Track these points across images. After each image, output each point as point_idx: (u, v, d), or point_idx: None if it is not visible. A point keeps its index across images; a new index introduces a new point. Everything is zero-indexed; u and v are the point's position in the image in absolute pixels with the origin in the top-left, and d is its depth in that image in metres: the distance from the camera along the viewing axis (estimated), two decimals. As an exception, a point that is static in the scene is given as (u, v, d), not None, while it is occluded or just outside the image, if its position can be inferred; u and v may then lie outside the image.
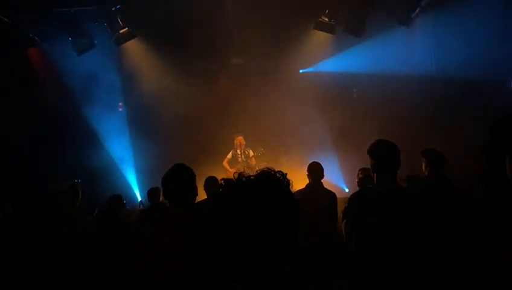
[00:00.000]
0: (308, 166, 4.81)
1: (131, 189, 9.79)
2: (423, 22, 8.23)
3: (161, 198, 5.49)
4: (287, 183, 1.15)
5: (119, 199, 5.27)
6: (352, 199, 2.81)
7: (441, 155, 4.23)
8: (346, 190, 9.11)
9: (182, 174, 2.54)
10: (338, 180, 9.52)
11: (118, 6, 7.88)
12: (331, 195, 4.81)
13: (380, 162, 2.73)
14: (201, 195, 5.03)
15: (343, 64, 9.32)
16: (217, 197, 1.12)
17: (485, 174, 2.95)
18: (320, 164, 4.84)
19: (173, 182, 2.51)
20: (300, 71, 10.18)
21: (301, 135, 9.39)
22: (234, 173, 1.19)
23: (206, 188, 4.80)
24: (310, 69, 10.08)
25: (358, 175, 5.13)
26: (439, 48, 8.33)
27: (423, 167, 4.30)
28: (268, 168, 1.19)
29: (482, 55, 7.52)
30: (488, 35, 7.48)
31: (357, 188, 4.52)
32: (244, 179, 1.12)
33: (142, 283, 2.33)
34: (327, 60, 9.61)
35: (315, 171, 4.73)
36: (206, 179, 4.85)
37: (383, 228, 2.59)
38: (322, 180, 4.87)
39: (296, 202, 1.11)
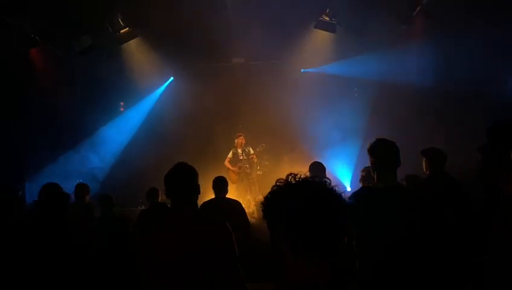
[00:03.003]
0: (310, 166, 4.76)
1: (134, 188, 9.79)
2: (424, 21, 8.20)
3: (160, 198, 5.51)
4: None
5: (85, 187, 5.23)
6: (352, 197, 2.80)
7: (442, 154, 4.20)
8: (348, 189, 9.10)
9: (184, 172, 2.53)
10: (340, 179, 9.53)
11: (118, 7, 7.89)
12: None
13: (380, 161, 2.72)
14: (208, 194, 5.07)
15: (345, 69, 9.31)
16: (282, 192, 1.37)
17: (483, 173, 2.94)
18: (321, 163, 4.78)
19: (176, 180, 2.49)
20: (302, 70, 10.17)
21: (303, 133, 9.39)
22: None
23: (216, 187, 4.79)
24: (311, 70, 10.06)
25: (361, 173, 5.10)
26: (440, 47, 8.32)
27: (424, 166, 4.29)
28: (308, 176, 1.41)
29: (482, 57, 7.55)
30: (488, 37, 7.52)
31: (360, 186, 4.51)
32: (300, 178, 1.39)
33: (147, 282, 2.33)
34: (328, 64, 9.57)
35: (316, 170, 4.67)
36: (216, 179, 4.84)
37: (384, 226, 2.58)
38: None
39: (343, 199, 1.38)
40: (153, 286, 2.31)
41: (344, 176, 9.59)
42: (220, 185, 4.78)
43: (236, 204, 4.81)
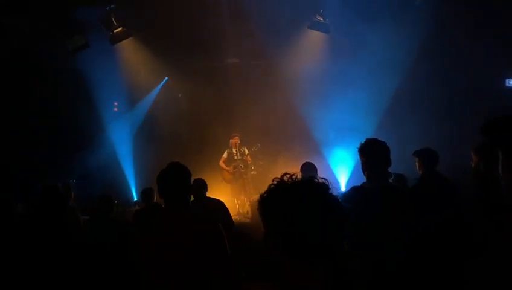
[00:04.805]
0: (302, 166, 4.79)
1: (128, 188, 9.79)
2: (419, 21, 8.23)
3: (155, 198, 5.50)
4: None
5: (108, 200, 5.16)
6: (344, 197, 2.81)
7: (434, 154, 4.24)
8: (342, 189, 9.12)
9: (177, 172, 2.55)
10: (334, 179, 9.54)
11: (112, 6, 7.88)
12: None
13: (371, 161, 2.74)
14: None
15: (339, 69, 9.30)
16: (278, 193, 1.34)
17: (476, 172, 2.97)
18: (313, 163, 4.81)
19: (169, 180, 2.52)
20: (297, 71, 10.15)
21: (298, 133, 9.42)
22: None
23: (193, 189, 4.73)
24: (306, 70, 10.05)
25: None
26: (436, 47, 8.36)
27: (417, 167, 4.33)
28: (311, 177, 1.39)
29: (478, 53, 7.60)
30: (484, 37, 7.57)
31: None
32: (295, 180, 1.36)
33: (148, 283, 2.36)
34: (322, 64, 9.55)
35: (308, 171, 4.69)
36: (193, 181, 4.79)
37: (375, 227, 2.59)
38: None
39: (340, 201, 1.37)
40: (154, 286, 2.34)
41: (340, 176, 9.63)
42: (197, 187, 4.71)
43: (219, 204, 4.81)
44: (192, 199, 4.60)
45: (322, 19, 8.48)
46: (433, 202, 3.37)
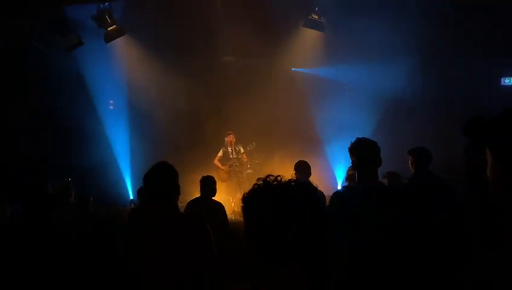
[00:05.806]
0: (295, 165, 4.80)
1: (124, 187, 9.76)
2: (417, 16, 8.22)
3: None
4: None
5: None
6: (333, 197, 2.80)
7: (428, 153, 4.24)
8: (339, 188, 9.12)
9: (163, 172, 2.54)
10: (331, 178, 9.56)
11: (106, 4, 7.84)
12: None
13: (361, 161, 2.73)
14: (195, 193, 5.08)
15: (335, 68, 9.29)
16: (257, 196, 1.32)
17: (467, 172, 2.95)
18: (307, 162, 4.82)
19: (154, 180, 2.51)
20: (293, 69, 10.15)
21: (294, 132, 9.40)
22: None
23: (201, 186, 4.83)
24: (301, 69, 10.05)
25: (348, 172, 5.11)
26: (432, 43, 8.35)
27: (410, 165, 4.33)
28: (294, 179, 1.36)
29: (474, 51, 7.60)
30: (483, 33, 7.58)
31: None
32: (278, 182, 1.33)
33: (148, 283, 2.37)
34: (318, 63, 9.52)
35: (302, 169, 4.70)
36: (203, 178, 4.89)
37: (364, 227, 2.58)
38: (311, 179, 4.85)
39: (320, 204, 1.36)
40: (150, 285, 2.35)
41: (337, 175, 9.63)
42: (206, 184, 4.78)
43: (220, 205, 4.85)
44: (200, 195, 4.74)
45: (317, 17, 8.44)
46: (424, 201, 3.36)
